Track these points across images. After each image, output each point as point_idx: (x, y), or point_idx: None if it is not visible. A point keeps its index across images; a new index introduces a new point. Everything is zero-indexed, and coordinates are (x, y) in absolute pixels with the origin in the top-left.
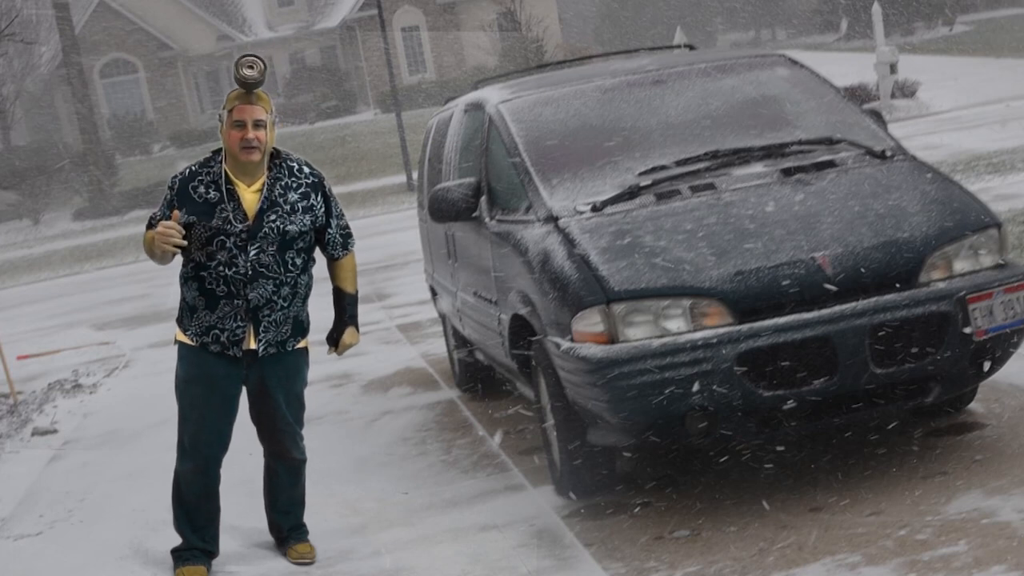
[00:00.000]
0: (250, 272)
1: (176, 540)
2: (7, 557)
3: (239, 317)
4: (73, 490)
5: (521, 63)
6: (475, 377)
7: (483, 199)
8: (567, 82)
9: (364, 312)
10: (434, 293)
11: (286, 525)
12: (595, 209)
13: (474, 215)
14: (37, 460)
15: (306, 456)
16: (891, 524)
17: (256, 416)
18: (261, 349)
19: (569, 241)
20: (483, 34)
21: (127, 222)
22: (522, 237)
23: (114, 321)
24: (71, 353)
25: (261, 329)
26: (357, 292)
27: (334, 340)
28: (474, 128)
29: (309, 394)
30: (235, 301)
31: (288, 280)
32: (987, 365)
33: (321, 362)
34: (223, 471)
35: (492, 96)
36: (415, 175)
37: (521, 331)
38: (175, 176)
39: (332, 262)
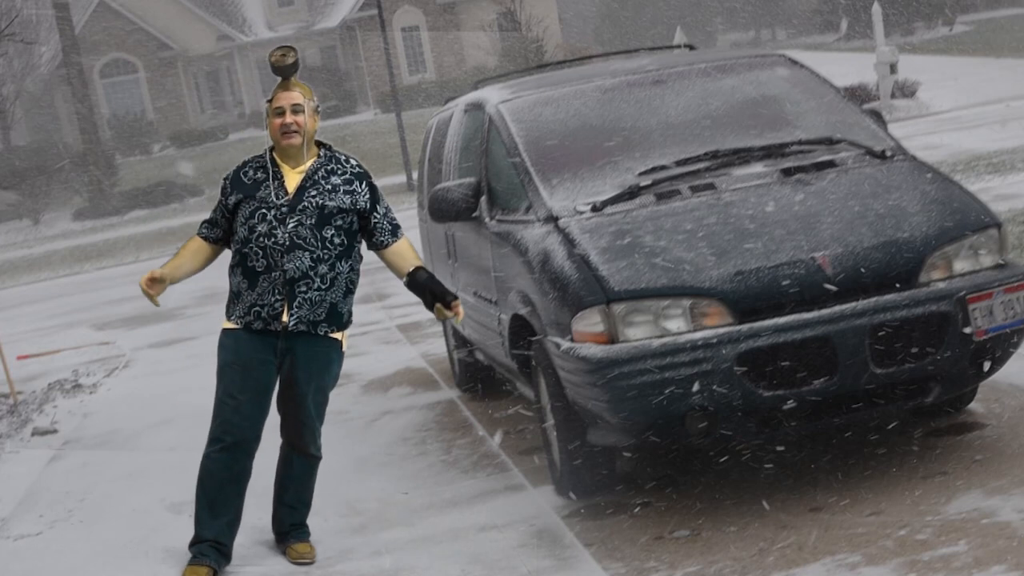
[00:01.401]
0: (287, 243)
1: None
2: (7, 557)
3: (276, 291)
4: (73, 490)
5: (521, 63)
6: (475, 377)
7: (483, 199)
8: (567, 82)
9: (364, 312)
10: None
11: (288, 521)
12: (595, 209)
13: (474, 215)
14: (37, 460)
15: (321, 455)
16: (891, 524)
17: (282, 406)
18: (292, 323)
19: (569, 241)
20: (483, 34)
21: (127, 222)
22: (522, 237)
23: (114, 321)
24: (71, 353)
25: (295, 304)
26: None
27: (441, 302)
28: (474, 128)
29: None
30: (273, 273)
31: (326, 257)
32: (987, 365)
33: None
34: None
35: (492, 96)
36: (415, 175)
37: (521, 331)
38: (233, 168)
39: (384, 250)
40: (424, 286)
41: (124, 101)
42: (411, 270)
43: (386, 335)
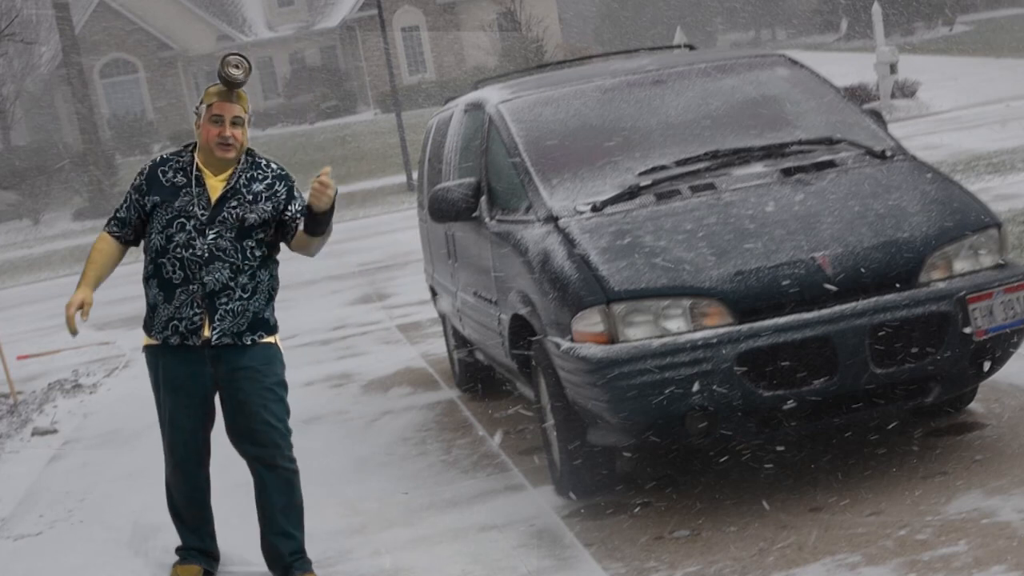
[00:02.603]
0: (206, 255)
1: (177, 538)
2: (7, 557)
3: (195, 304)
4: (73, 490)
5: (521, 63)
6: (475, 377)
7: (483, 199)
8: (567, 82)
9: (364, 312)
10: (434, 293)
11: (286, 550)
12: (595, 209)
13: (474, 215)
14: (37, 460)
15: (296, 466)
16: (891, 524)
17: (232, 422)
18: (215, 337)
19: (569, 241)
20: (483, 34)
21: None
22: (522, 237)
23: (114, 321)
24: (71, 353)
25: (217, 317)
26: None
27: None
28: (474, 128)
29: (309, 394)
30: (191, 286)
31: (246, 268)
32: (987, 365)
33: (321, 362)
34: (222, 473)
35: (492, 96)
36: (415, 175)
37: (521, 331)
38: (147, 162)
39: (296, 237)
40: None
41: (124, 101)
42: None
43: (386, 335)
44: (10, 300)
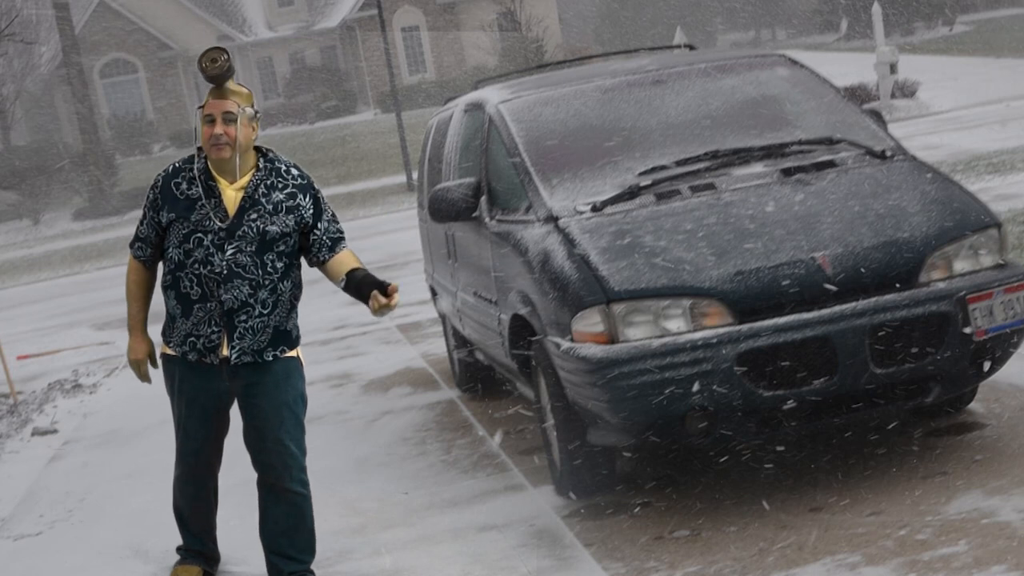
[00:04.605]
0: (225, 272)
1: (177, 539)
2: (7, 557)
3: (213, 321)
4: (73, 490)
5: (521, 63)
6: (475, 377)
7: (483, 199)
8: (567, 82)
9: (364, 312)
10: (434, 293)
11: (288, 570)
12: (595, 209)
13: (474, 215)
14: (37, 460)
15: (307, 491)
16: (891, 524)
17: (246, 437)
18: (234, 357)
19: (569, 241)
20: (483, 34)
21: (127, 222)
22: (522, 237)
23: (114, 321)
24: (71, 353)
25: (236, 336)
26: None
27: (380, 288)
28: (474, 128)
29: (310, 394)
30: (208, 304)
31: (267, 283)
32: (987, 365)
33: (321, 362)
34: (222, 473)
35: (492, 96)
36: (415, 175)
37: (521, 331)
38: (159, 174)
39: (322, 266)
40: (361, 282)
41: (124, 101)
42: (348, 271)
43: (386, 335)
44: (10, 300)
